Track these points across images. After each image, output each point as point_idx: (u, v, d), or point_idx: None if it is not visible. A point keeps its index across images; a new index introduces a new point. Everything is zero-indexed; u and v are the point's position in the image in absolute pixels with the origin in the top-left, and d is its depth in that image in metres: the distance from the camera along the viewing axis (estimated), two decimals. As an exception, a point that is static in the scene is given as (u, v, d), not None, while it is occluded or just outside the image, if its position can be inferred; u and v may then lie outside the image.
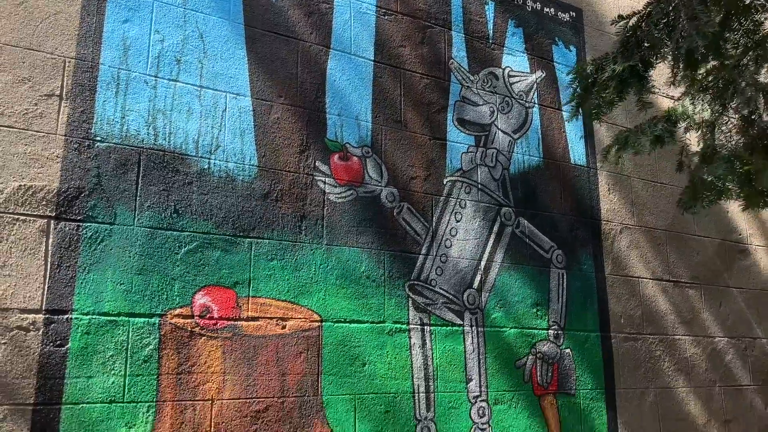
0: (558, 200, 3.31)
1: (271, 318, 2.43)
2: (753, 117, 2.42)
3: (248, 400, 2.31)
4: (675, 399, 3.40)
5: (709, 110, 2.48)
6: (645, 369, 3.34)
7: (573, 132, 3.47)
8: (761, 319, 3.87)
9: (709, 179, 2.63)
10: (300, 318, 2.48)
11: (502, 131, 3.22)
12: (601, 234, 3.42)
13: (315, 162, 2.67)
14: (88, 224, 2.17)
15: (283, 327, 2.44)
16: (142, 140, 2.33)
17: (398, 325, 2.70)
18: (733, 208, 3.98)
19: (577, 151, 3.45)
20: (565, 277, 3.22)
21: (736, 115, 2.45)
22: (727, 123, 2.60)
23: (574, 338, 3.15)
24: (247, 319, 2.38)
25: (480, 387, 2.82)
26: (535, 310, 3.08)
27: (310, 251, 2.57)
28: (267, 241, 2.49)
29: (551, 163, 3.34)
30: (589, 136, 3.52)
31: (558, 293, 3.18)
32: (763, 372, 3.78)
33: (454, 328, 2.83)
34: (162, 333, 2.22)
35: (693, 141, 2.83)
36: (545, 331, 3.08)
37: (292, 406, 2.38)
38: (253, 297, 2.41)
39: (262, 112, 2.60)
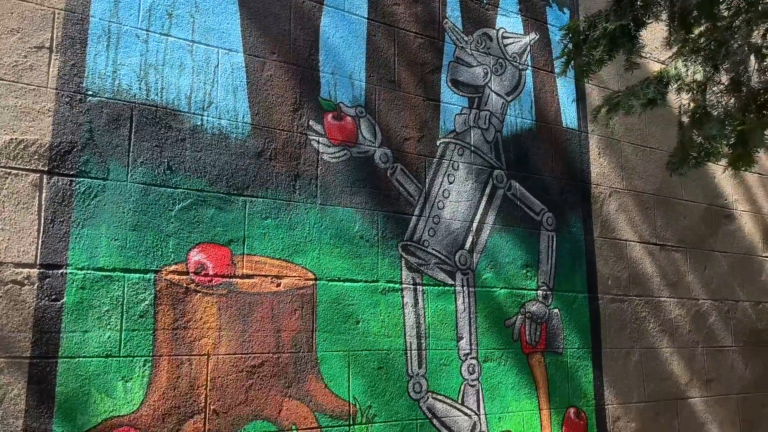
0: (549, 163, 3.33)
1: (265, 276, 2.44)
2: (742, 79, 2.44)
3: (244, 356, 2.34)
4: (659, 359, 3.49)
5: (701, 72, 2.49)
6: (630, 329, 3.42)
7: (565, 95, 3.47)
8: (744, 283, 3.96)
9: (698, 140, 2.66)
10: (294, 276, 2.50)
11: (495, 93, 3.21)
12: (590, 197, 3.45)
13: (309, 121, 2.65)
14: (81, 179, 2.15)
15: (278, 285, 2.46)
16: (134, 95, 2.30)
17: (391, 285, 2.73)
18: (720, 173, 4.03)
19: (568, 115, 3.46)
20: (554, 239, 3.26)
21: (728, 77, 2.46)
22: (719, 84, 2.62)
23: (562, 299, 3.21)
24: (242, 276, 2.39)
25: (470, 345, 2.87)
26: (525, 271, 3.12)
27: (304, 210, 2.57)
28: (261, 199, 2.49)
29: (543, 126, 3.35)
30: (581, 99, 3.52)
31: (547, 255, 3.23)
32: (744, 334, 3.88)
33: (445, 288, 2.87)
34: (157, 289, 2.23)
35: (684, 103, 2.85)
36: (534, 292, 3.13)
37: (287, 361, 2.41)
38: (247, 255, 2.42)
39: (255, 68, 2.57)
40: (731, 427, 3.68)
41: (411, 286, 2.78)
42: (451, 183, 2.99)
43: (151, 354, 2.18)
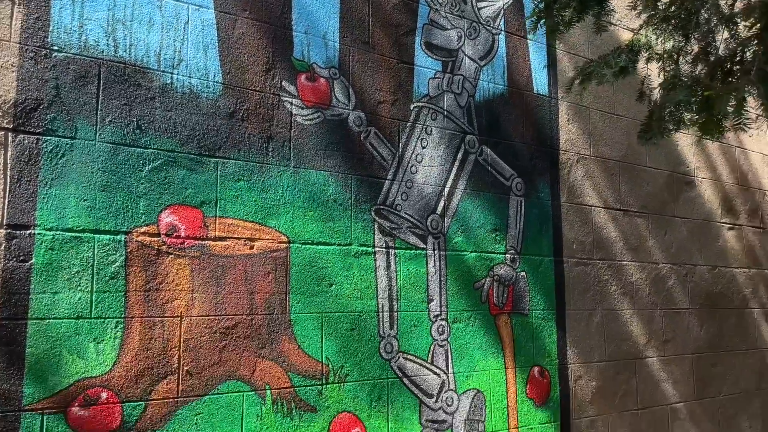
0: (520, 129, 3.37)
1: (238, 238, 2.43)
2: (710, 49, 2.49)
3: (217, 317, 2.35)
4: (620, 320, 3.63)
5: (671, 40, 2.53)
6: (593, 292, 3.53)
7: (537, 61, 3.49)
8: (701, 248, 4.12)
9: (668, 108, 2.72)
10: (268, 239, 2.49)
11: (469, 57, 3.21)
12: (558, 163, 3.51)
13: (281, 81, 2.61)
14: (48, 138, 2.09)
15: (251, 247, 2.45)
16: (102, 51, 2.23)
17: (364, 248, 2.75)
18: (683, 141, 4.14)
19: (539, 81, 3.49)
20: (523, 204, 3.32)
21: (698, 46, 2.51)
22: (690, 53, 2.67)
23: (529, 262, 3.29)
24: (215, 239, 2.38)
25: (440, 307, 2.93)
26: (494, 235, 3.18)
27: (277, 173, 2.55)
28: (233, 161, 2.46)
29: (515, 91, 3.38)
30: (551, 65, 3.55)
31: (516, 219, 3.29)
32: (700, 296, 4.05)
33: (417, 251, 2.91)
34: (128, 250, 2.20)
35: (654, 72, 2.90)
36: (503, 255, 3.20)
37: (260, 323, 2.43)
38: (220, 217, 2.40)
39: (226, 26, 2.51)
40: (685, 385, 3.88)
41: (384, 250, 2.81)
42: (424, 147, 3.01)
43: (123, 316, 2.17)
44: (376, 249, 2.79)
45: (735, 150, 4.52)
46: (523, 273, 3.26)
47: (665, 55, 2.75)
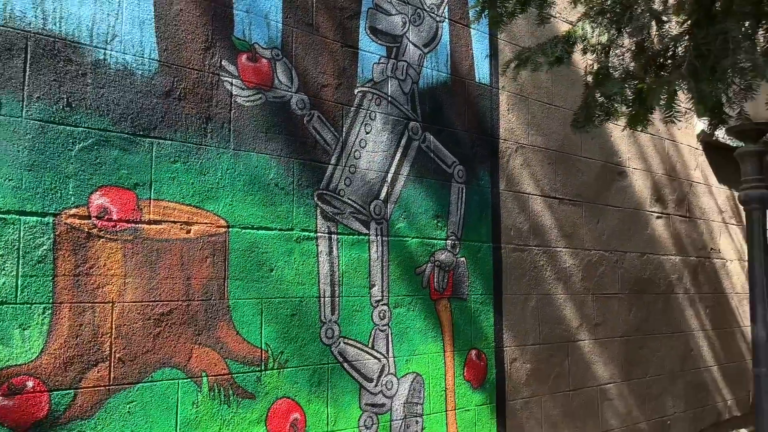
0: (462, 117, 3.41)
1: (174, 222, 2.36)
2: (645, 43, 2.58)
3: (151, 303, 2.28)
4: (553, 304, 3.76)
5: (606, 34, 2.61)
6: (529, 277, 3.64)
7: (479, 50, 3.54)
8: (631, 236, 4.31)
9: (600, 99, 2.81)
10: (206, 223, 2.43)
11: (413, 44, 3.21)
12: (498, 152, 3.58)
13: (221, 61, 2.54)
14: (-33, 113, 1.96)
15: (188, 231, 2.39)
16: (29, 23, 2.10)
17: (306, 233, 2.73)
18: (617, 133, 4.30)
19: (482, 70, 3.54)
20: (464, 191, 3.37)
21: (631, 40, 2.60)
22: (621, 47, 2.76)
23: (469, 248, 3.35)
24: (149, 222, 2.31)
25: (382, 292, 2.95)
26: (435, 221, 3.22)
27: (216, 155, 2.49)
28: (169, 142, 2.38)
29: (457, 79, 3.41)
30: (494, 55, 3.60)
31: (457, 206, 3.34)
32: (629, 282, 4.24)
33: (360, 237, 2.91)
34: (57, 233, 2.10)
35: (589, 63, 2.99)
36: (444, 241, 3.24)
37: (197, 309, 2.38)
38: (155, 200, 2.33)
39: (164, 1, 2.41)
40: (614, 366, 4.06)
41: (326, 235, 2.79)
42: (368, 133, 3.00)
43: (51, 301, 2.07)
44: (319, 234, 2.77)
45: (665, 142, 4.73)
46: (463, 259, 3.32)
47: (599, 48, 2.83)
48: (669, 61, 2.21)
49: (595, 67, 2.87)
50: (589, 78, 2.91)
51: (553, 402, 3.66)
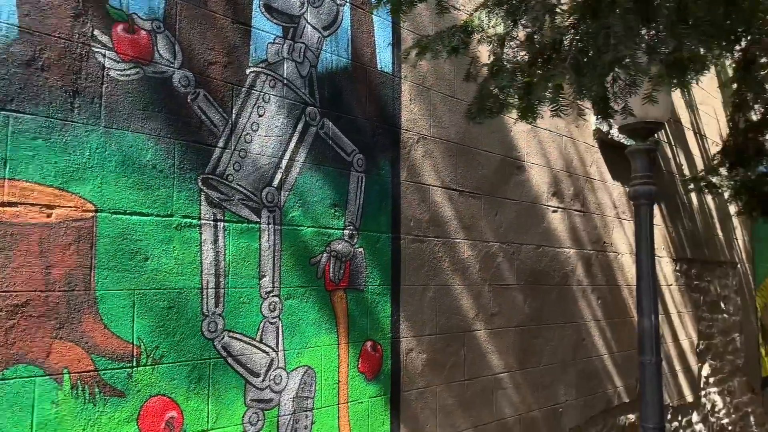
0: (363, 105, 3.33)
1: (33, 204, 2.13)
2: (536, 36, 2.60)
3: (4, 294, 2.05)
4: (451, 295, 3.77)
5: (502, 25, 2.61)
6: (428, 268, 3.63)
7: (382, 38, 3.47)
8: (528, 228, 4.40)
9: (494, 91, 2.81)
10: (70, 206, 2.22)
11: (311, 26, 3.10)
12: (400, 142, 3.54)
13: (93, 30, 2.32)
14: None
15: (49, 215, 2.17)
16: None
17: (188, 220, 2.56)
18: (517, 128, 4.38)
19: (384, 58, 3.47)
20: (363, 180, 3.30)
21: (524, 32, 2.61)
22: (516, 39, 2.77)
23: (367, 238, 3.29)
24: (3, 204, 2.07)
25: (273, 283, 2.83)
26: (333, 210, 3.13)
27: (84, 132, 2.27)
28: (29, 116, 2.15)
29: (359, 66, 3.33)
30: (396, 44, 3.55)
31: (356, 195, 3.26)
32: (525, 273, 4.33)
33: (250, 225, 2.77)
34: None
35: (485, 54, 2.99)
36: (341, 231, 3.16)
37: (58, 300, 2.16)
38: (10, 179, 2.09)
39: (24, -40, 2.16)
40: (509, 356, 4.14)
41: (211, 222, 2.64)
42: (261, 116, 2.86)
43: None
44: (203, 221, 2.61)
45: (564, 139, 4.87)
46: (360, 249, 3.25)
47: (495, 39, 2.84)
48: (555, 55, 2.22)
49: (491, 59, 2.88)
50: (485, 69, 2.91)
51: (449, 392, 3.68)
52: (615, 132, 5.10)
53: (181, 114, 2.56)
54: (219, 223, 2.66)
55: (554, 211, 4.66)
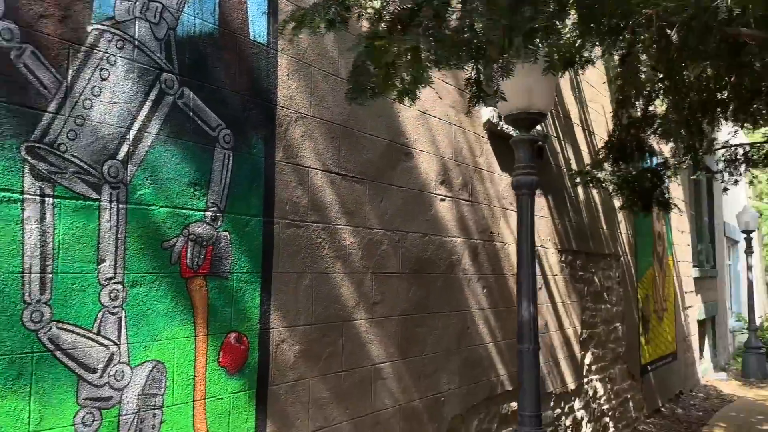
0: (232, 76, 3.07)
1: None
2: (398, 8, 2.46)
3: None
4: (330, 283, 3.60)
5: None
6: (304, 255, 3.43)
7: (255, 5, 3.22)
8: (415, 216, 4.31)
9: (373, 69, 2.66)
10: None
11: (169, -16, 2.80)
12: (275, 119, 3.31)
13: None
14: None
15: None
16: None
17: (7, 194, 2.22)
18: (405, 114, 4.26)
19: (257, 27, 3.23)
20: (231, 158, 3.05)
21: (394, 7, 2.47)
22: (391, 13, 2.62)
23: (234, 222, 3.04)
24: None
25: (115, 268, 2.53)
26: (192, 189, 2.86)
27: None
28: None
29: (227, 33, 3.06)
30: (272, 13, 3.31)
31: (221, 174, 3.01)
32: (410, 261, 4.24)
33: (87, 202, 2.46)
34: None
35: (363, 30, 2.83)
36: (202, 213, 2.90)
37: None
38: None
39: None
40: (391, 345, 4.02)
41: (37, 197, 2.30)
42: (104, 79, 2.54)
43: None
44: (26, 196, 2.27)
45: (454, 127, 4.82)
46: (225, 233, 3.00)
47: (373, 14, 2.68)
48: (411, 23, 2.09)
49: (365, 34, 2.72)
50: (360, 48, 2.75)
51: (324, 384, 3.51)
52: (504, 124, 5.11)
53: (3, 71, 2.21)
54: (47, 199, 2.33)
55: (442, 200, 4.60)
